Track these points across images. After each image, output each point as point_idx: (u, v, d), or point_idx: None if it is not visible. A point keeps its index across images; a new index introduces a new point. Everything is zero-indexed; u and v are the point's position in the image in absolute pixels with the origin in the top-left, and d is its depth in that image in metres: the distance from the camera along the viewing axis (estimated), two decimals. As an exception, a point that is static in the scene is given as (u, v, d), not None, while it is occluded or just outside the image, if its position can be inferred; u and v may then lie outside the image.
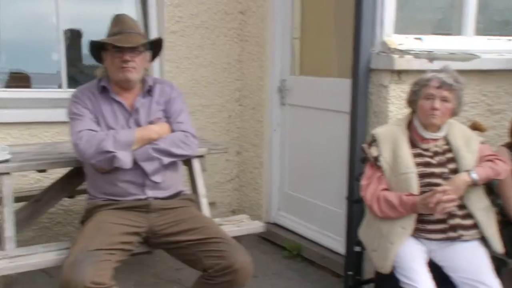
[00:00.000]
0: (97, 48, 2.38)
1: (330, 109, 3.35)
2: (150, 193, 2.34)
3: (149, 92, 2.46)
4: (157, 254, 2.61)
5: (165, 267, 3.17)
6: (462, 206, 2.25)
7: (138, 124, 2.39)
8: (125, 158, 2.26)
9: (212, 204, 4.11)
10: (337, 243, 3.24)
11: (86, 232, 2.17)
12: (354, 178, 2.78)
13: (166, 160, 2.34)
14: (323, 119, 3.44)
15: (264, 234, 3.85)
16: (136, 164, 2.30)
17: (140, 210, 2.30)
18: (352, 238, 2.74)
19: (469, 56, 2.85)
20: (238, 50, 3.99)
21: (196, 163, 2.83)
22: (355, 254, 2.68)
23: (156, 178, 2.34)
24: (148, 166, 2.31)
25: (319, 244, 3.45)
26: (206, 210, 2.77)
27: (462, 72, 2.79)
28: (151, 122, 2.41)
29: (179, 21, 3.75)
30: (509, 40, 3.07)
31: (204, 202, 2.79)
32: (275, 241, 3.73)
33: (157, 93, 2.47)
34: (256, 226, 2.73)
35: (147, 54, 2.45)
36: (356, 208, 2.77)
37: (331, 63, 3.54)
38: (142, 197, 2.32)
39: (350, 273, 2.71)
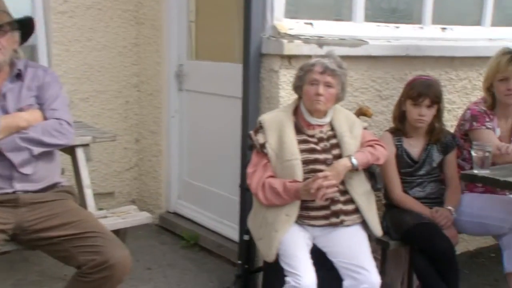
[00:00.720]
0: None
1: (226, 95, 3.28)
2: (19, 186, 2.15)
3: (18, 76, 2.25)
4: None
5: (51, 263, 2.97)
6: (344, 192, 2.27)
7: (5, 112, 2.18)
8: (-14, 149, 2.06)
9: (110, 194, 3.96)
10: (234, 231, 3.19)
11: None
12: (246, 165, 2.74)
13: (37, 150, 2.15)
14: (219, 105, 3.37)
15: (164, 224, 3.75)
16: (1, 155, 2.10)
17: (6, 205, 2.11)
18: (244, 226, 2.70)
19: (358, 42, 2.88)
20: (134, 33, 3.81)
21: (79, 152, 2.68)
22: (245, 243, 2.64)
23: (26, 170, 2.15)
24: (16, 157, 2.12)
25: (216, 233, 3.40)
26: (90, 202, 2.63)
27: (351, 58, 2.84)
28: (20, 109, 2.20)
29: (67, 0, 3.51)
30: (397, 27, 3.14)
31: (88, 193, 2.65)
32: (174, 231, 3.63)
33: (28, 77, 2.27)
34: (143, 218, 2.61)
35: (15, 35, 2.24)
36: (248, 196, 2.72)
37: (227, 47, 3.46)
38: (9, 191, 2.13)
39: (239, 262, 2.67)
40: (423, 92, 2.52)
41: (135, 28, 3.80)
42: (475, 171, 2.27)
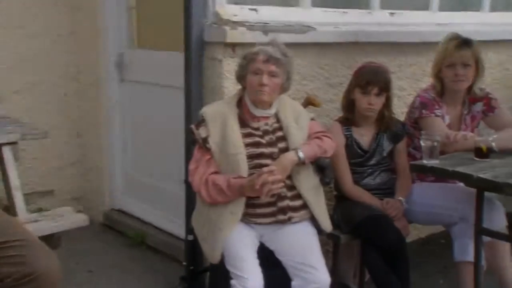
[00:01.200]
0: None
1: (169, 85, 3.10)
2: None
3: None
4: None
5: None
6: (291, 187, 2.16)
7: None
8: None
9: (50, 193, 3.72)
10: (182, 229, 3.03)
11: None
12: (190, 159, 2.59)
13: (-50, 152, 1.94)
14: (163, 96, 3.19)
15: (108, 222, 3.57)
16: None
17: None
18: (189, 225, 2.56)
19: (305, 29, 2.76)
20: (70, 20, 3.57)
21: (6, 151, 2.47)
22: (189, 243, 2.50)
23: None
24: None
25: (164, 231, 3.24)
26: (20, 205, 2.44)
27: (299, 45, 2.72)
28: None
29: (-9, -16, 3.24)
30: (345, 12, 3.04)
31: (17, 195, 2.45)
32: (120, 229, 3.45)
33: None
34: (79, 220, 2.43)
35: None
36: (194, 192, 2.58)
37: (171, 35, 3.27)
38: None
39: (184, 263, 2.53)
40: (371, 80, 2.43)
41: (71, 15, 3.56)
42: (424, 161, 2.21)
